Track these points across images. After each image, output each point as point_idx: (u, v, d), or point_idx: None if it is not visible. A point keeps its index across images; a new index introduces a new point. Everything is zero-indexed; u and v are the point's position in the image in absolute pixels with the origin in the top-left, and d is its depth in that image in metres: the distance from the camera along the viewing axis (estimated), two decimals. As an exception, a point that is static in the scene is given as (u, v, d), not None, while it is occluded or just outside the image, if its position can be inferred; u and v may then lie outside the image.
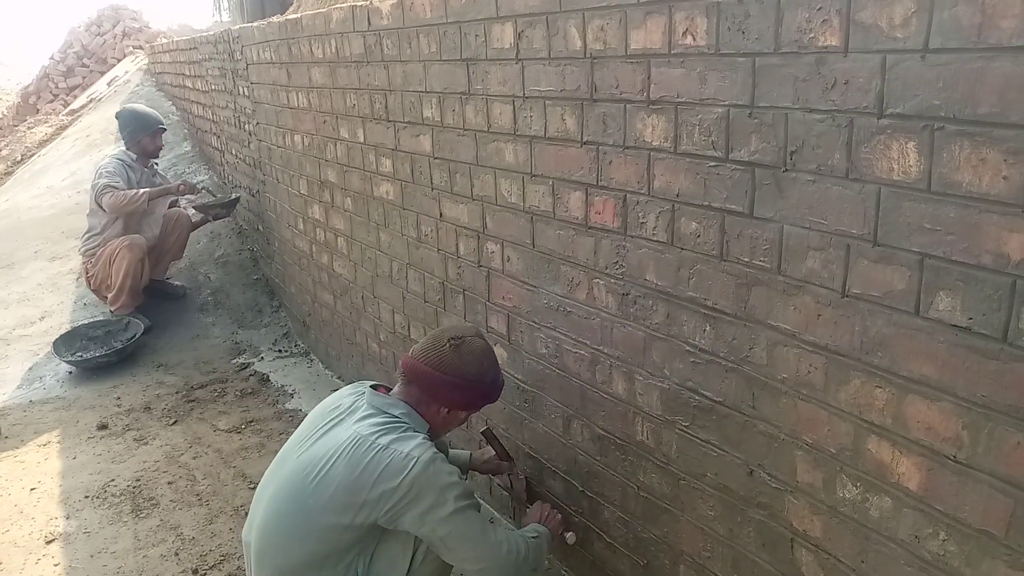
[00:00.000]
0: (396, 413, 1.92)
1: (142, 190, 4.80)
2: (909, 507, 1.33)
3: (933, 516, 1.29)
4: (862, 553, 1.43)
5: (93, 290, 4.99)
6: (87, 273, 4.94)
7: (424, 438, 1.88)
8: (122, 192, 4.70)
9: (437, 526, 1.82)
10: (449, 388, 1.96)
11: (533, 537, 2.07)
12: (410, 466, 1.78)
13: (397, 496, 1.77)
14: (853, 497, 1.43)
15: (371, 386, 2.04)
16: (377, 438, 1.82)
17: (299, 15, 3.53)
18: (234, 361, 4.54)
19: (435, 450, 1.86)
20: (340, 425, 1.92)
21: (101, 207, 4.72)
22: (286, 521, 1.86)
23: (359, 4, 2.86)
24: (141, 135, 4.95)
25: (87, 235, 4.93)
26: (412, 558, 1.91)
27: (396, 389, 2.03)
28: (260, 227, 5.18)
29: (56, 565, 2.69)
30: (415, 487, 1.78)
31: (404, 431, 1.87)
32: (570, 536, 2.27)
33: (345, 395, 2.04)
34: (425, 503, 1.79)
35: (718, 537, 1.79)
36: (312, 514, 1.81)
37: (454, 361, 1.96)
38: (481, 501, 2.62)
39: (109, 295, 4.82)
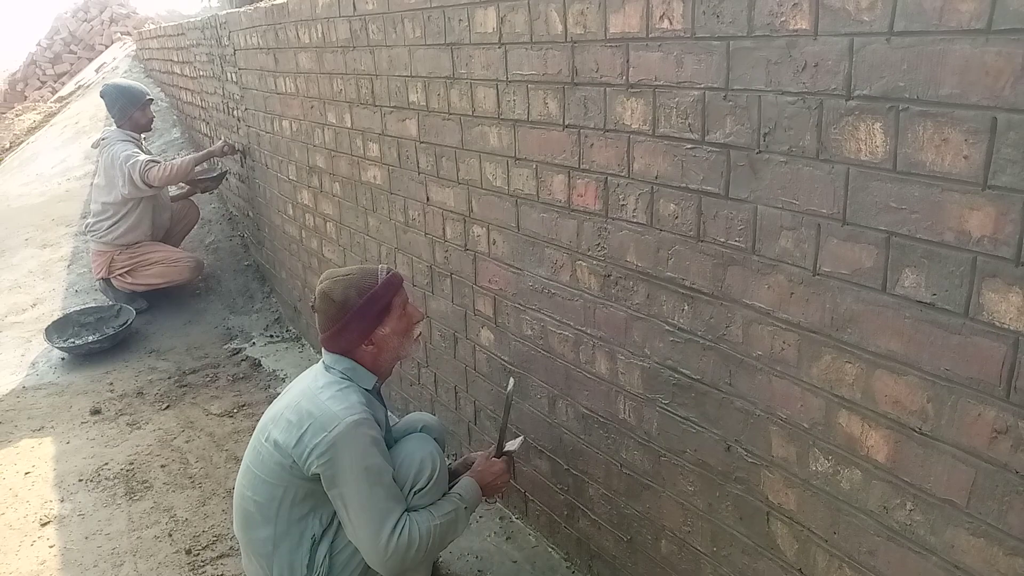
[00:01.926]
0: (340, 368, 1.99)
1: (188, 156, 4.84)
2: (878, 479, 1.37)
3: (900, 487, 1.33)
4: (834, 524, 1.48)
5: (103, 276, 4.93)
6: (110, 262, 4.83)
7: (362, 401, 1.91)
8: (167, 163, 4.70)
9: (343, 489, 1.84)
10: (345, 328, 1.96)
11: (449, 511, 1.97)
12: (334, 425, 1.83)
13: (318, 451, 1.82)
14: (825, 470, 1.47)
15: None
16: (319, 392, 1.91)
17: (286, 0, 3.53)
18: (226, 346, 4.56)
19: (366, 415, 1.88)
20: (296, 384, 2.05)
21: (145, 183, 4.62)
22: (249, 474, 1.99)
23: (345, -11, 2.87)
24: (131, 109, 4.84)
25: (110, 221, 4.79)
26: None
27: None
28: (250, 213, 5.19)
29: (51, 547, 2.73)
30: (334, 447, 1.81)
31: (344, 388, 1.93)
32: (492, 501, 2.28)
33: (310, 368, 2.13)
34: (340, 462, 1.82)
35: (698, 512, 1.83)
36: (264, 460, 1.93)
37: (331, 309, 1.97)
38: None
39: (128, 278, 4.85)
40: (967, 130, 1.12)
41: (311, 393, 1.93)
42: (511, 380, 2.18)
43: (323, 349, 2.04)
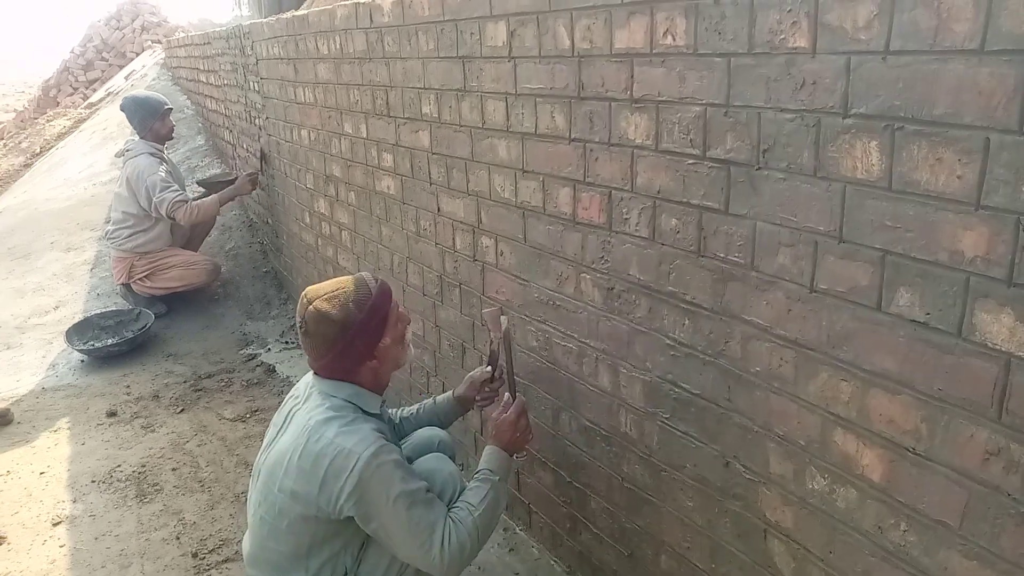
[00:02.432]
0: (343, 396, 1.89)
1: (212, 197, 4.96)
2: (873, 498, 1.36)
3: (895, 507, 1.32)
4: (830, 543, 1.47)
5: (124, 281, 5.03)
6: (130, 268, 4.94)
7: (373, 428, 1.83)
8: (194, 204, 4.82)
9: (382, 520, 1.79)
10: (349, 347, 1.87)
11: (485, 494, 1.92)
12: (352, 464, 1.74)
13: (345, 492, 1.75)
14: (821, 488, 1.46)
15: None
16: (324, 429, 1.80)
17: (307, 12, 3.59)
18: (242, 352, 4.61)
19: (381, 442, 1.80)
20: (296, 418, 1.91)
21: (170, 219, 4.79)
22: (266, 525, 1.89)
23: (362, 1, 2.91)
24: (151, 121, 4.96)
25: (131, 230, 4.90)
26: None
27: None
28: (269, 220, 5.26)
29: (62, 546, 2.77)
30: (360, 485, 1.75)
31: (351, 420, 1.83)
32: (523, 457, 2.18)
33: (301, 386, 2.02)
34: (370, 498, 1.76)
35: (697, 528, 1.83)
36: (283, 511, 1.84)
37: (331, 329, 1.86)
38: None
39: (147, 282, 4.95)
40: (961, 150, 1.11)
41: (317, 432, 1.80)
42: (503, 318, 2.12)
43: (316, 376, 1.95)
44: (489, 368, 2.26)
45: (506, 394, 2.18)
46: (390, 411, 2.29)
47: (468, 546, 1.84)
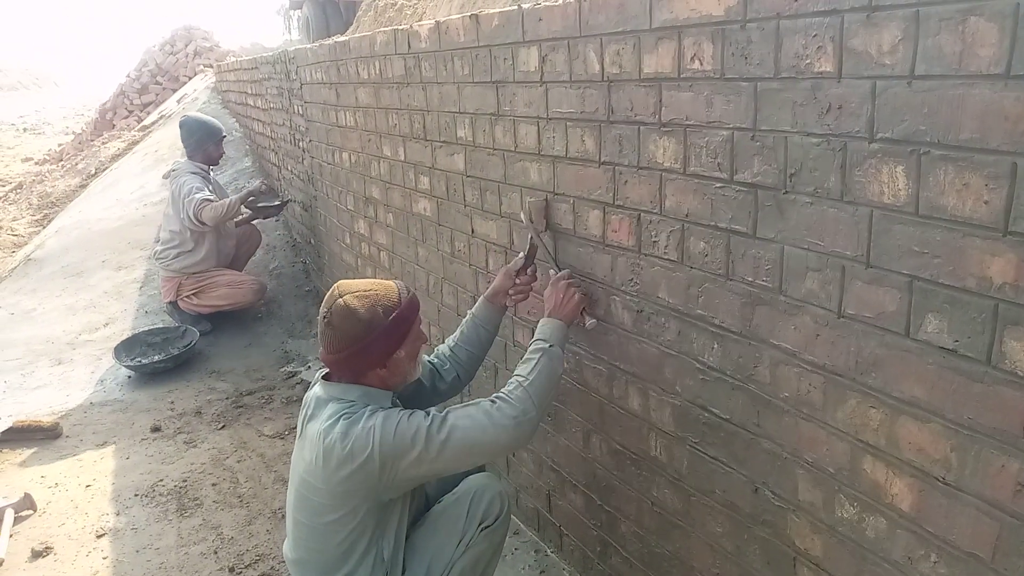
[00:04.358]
0: (351, 397, 1.89)
1: (233, 197, 5.07)
2: (902, 528, 1.33)
3: (925, 538, 1.30)
4: (859, 574, 1.44)
5: (171, 300, 5.17)
6: (178, 286, 5.08)
7: (372, 409, 1.84)
8: (219, 203, 4.93)
9: (435, 464, 1.80)
10: (366, 349, 1.87)
11: (535, 364, 1.92)
12: (372, 436, 1.76)
13: (379, 462, 1.76)
14: (851, 517, 1.44)
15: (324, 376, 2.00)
16: (333, 429, 1.80)
17: (347, 38, 3.68)
18: (283, 369, 4.69)
19: (385, 410, 1.83)
20: (308, 428, 1.92)
21: (199, 221, 4.88)
22: (304, 528, 1.93)
23: (401, 28, 2.98)
24: (207, 143, 5.11)
25: (177, 250, 5.04)
26: (459, 542, 1.97)
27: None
28: (312, 241, 5.36)
29: (104, 558, 2.84)
30: (389, 448, 1.76)
31: (355, 414, 1.83)
32: (590, 323, 2.08)
33: (311, 395, 2.02)
34: (410, 452, 1.77)
35: (726, 554, 1.80)
36: (321, 511, 1.88)
37: (355, 327, 1.85)
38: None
39: (195, 300, 5.08)
40: (987, 175, 1.10)
41: (328, 434, 1.81)
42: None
43: (324, 382, 1.96)
44: (523, 257, 2.24)
45: (551, 271, 2.19)
46: (437, 350, 2.35)
47: (524, 414, 1.84)
